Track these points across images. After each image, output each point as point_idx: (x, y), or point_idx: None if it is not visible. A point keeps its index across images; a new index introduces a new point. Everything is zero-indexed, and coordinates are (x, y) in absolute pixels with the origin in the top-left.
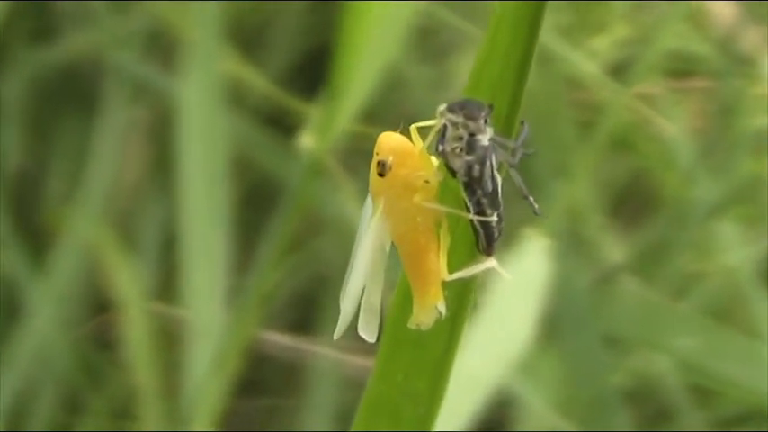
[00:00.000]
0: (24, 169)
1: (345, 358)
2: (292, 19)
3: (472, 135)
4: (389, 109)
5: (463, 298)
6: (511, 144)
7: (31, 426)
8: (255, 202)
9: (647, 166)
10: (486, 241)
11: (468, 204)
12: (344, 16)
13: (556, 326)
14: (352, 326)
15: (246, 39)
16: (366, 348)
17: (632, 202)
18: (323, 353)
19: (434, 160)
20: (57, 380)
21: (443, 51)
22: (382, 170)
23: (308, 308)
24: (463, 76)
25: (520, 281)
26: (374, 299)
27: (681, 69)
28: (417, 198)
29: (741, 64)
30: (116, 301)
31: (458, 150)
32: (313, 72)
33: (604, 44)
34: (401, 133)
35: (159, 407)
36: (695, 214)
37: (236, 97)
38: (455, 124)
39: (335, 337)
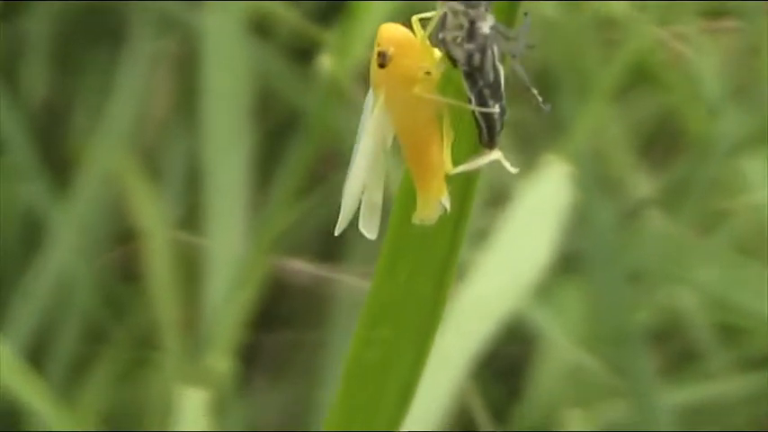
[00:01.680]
0: (51, 103)
1: (368, 285)
2: None
3: (473, 23)
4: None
5: (467, 193)
6: (512, 34)
7: (52, 355)
8: (282, 135)
9: (677, 104)
10: (488, 134)
11: (470, 95)
12: None
13: (581, 261)
14: (375, 253)
15: None
16: None
17: (662, 141)
18: (347, 281)
19: (437, 52)
20: (79, 310)
21: None
22: (383, 61)
23: (333, 241)
24: None
25: (539, 205)
26: (375, 195)
27: (712, 10)
28: (418, 89)
29: None
30: (139, 232)
31: (458, 39)
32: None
33: None
34: (403, 25)
35: (180, 338)
36: (721, 150)
37: (265, 30)
38: (455, 12)
39: (336, 233)
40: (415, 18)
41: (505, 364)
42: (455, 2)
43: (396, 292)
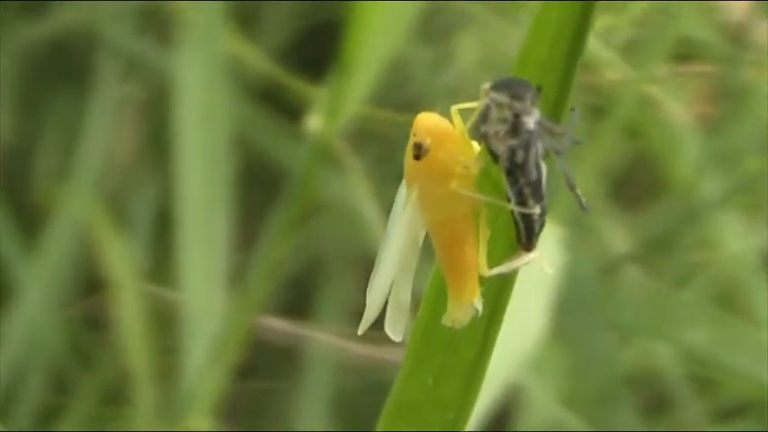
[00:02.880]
0: (16, 146)
1: (341, 343)
2: None
3: (517, 117)
4: (390, 90)
5: (501, 294)
6: (558, 130)
7: (19, 406)
8: (253, 181)
9: (651, 150)
10: (526, 235)
11: (510, 194)
12: None
13: (561, 315)
14: (351, 312)
15: (242, 15)
16: (363, 334)
17: (635, 184)
18: (319, 338)
19: (476, 145)
20: (47, 361)
21: (445, 31)
22: (418, 153)
23: (306, 291)
24: (465, 56)
25: (534, 272)
26: (403, 294)
27: (685, 54)
28: (455, 185)
29: (749, 53)
30: (109, 282)
31: (501, 133)
32: (309, 50)
33: (615, 23)
34: (439, 114)
35: (152, 391)
36: (700, 207)
37: (234, 74)
38: (499, 104)
39: (359, 332)
40: (454, 108)
41: (486, 418)
42: (499, 93)
43: (420, 395)
